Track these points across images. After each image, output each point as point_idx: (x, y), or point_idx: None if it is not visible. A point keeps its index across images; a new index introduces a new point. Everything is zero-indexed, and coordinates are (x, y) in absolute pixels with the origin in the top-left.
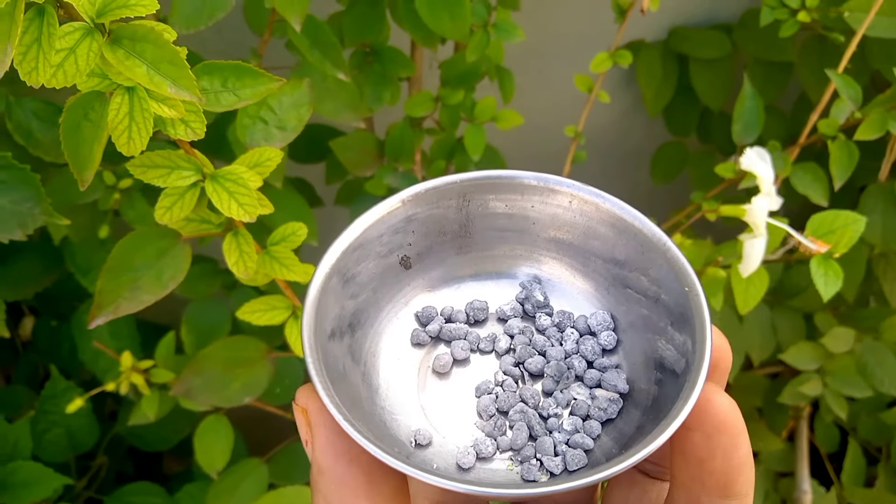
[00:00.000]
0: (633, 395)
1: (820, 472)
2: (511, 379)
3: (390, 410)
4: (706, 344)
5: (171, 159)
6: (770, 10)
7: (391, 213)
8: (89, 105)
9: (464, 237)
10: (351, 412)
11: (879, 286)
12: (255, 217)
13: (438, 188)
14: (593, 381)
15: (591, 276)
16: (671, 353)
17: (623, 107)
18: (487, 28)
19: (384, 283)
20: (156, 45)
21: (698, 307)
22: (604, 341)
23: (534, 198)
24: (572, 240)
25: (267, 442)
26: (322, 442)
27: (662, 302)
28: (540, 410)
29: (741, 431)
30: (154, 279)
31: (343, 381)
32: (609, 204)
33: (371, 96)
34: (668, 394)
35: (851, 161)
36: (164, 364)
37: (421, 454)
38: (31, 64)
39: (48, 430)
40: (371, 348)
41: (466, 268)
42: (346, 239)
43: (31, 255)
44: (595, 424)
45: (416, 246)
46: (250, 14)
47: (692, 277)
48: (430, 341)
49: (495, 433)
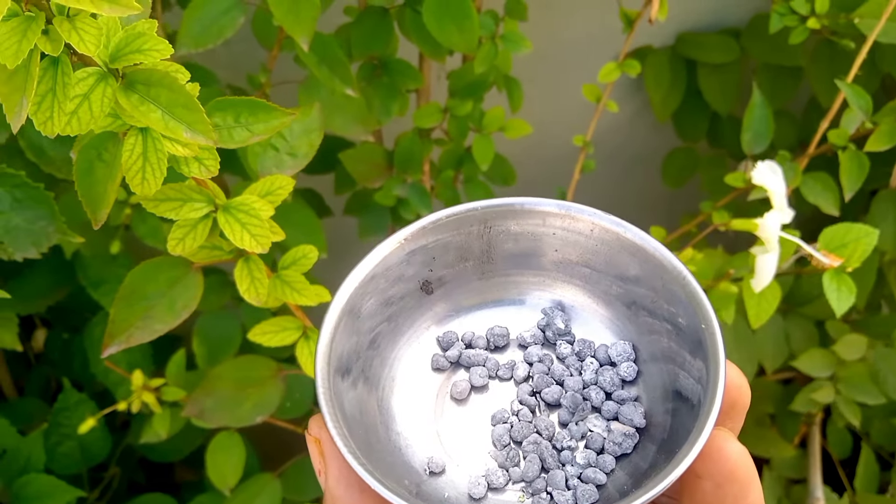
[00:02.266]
0: (650, 429)
1: (832, 478)
2: (527, 408)
3: (406, 436)
4: (718, 385)
5: (183, 192)
6: (779, 17)
7: (412, 241)
8: (102, 145)
9: (486, 263)
10: (363, 443)
11: (890, 291)
12: (267, 248)
13: (459, 215)
14: (610, 413)
15: (613, 304)
16: (689, 385)
17: (631, 112)
18: (495, 40)
19: (405, 309)
20: (170, 89)
21: (714, 345)
22: (623, 373)
23: (555, 224)
24: (594, 267)
25: (278, 453)
26: (335, 473)
27: (682, 333)
28: (554, 442)
29: (751, 479)
30: (167, 308)
31: (357, 411)
32: (630, 234)
33: (380, 109)
34: (682, 428)
35: (862, 171)
36: (175, 382)
37: (433, 482)
38: (45, 114)
39: (61, 443)
40: (390, 373)
41: (488, 293)
42: (364, 268)
43: (43, 269)
44: (609, 459)
45: (437, 272)
46: (259, 29)
47: (710, 314)
48: (450, 366)
49: (507, 464)
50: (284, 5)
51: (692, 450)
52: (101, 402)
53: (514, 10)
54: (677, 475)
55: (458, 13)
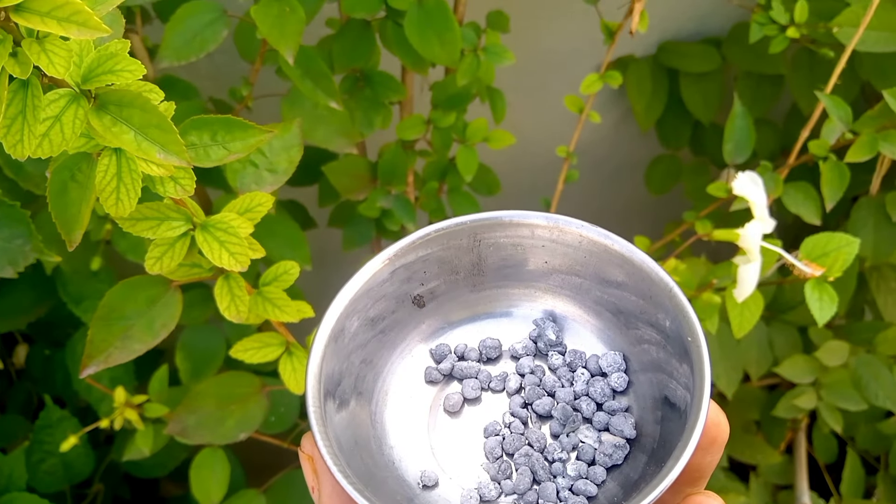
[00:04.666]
0: (641, 439)
1: (819, 483)
2: (518, 421)
3: (399, 450)
4: (703, 398)
5: (160, 210)
6: (759, 27)
7: (401, 256)
8: (76, 166)
9: (476, 275)
10: (356, 460)
11: (871, 297)
12: (246, 266)
13: (448, 229)
14: (601, 424)
15: (603, 314)
16: (678, 394)
17: (614, 121)
18: (478, 52)
19: (397, 323)
20: (143, 109)
21: (699, 358)
22: (614, 383)
23: (544, 236)
24: (583, 278)
25: (263, 468)
26: (328, 490)
27: (671, 343)
28: (545, 454)
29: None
30: (145, 328)
31: (349, 427)
32: (618, 246)
33: (362, 121)
34: (672, 437)
35: (843, 182)
36: (158, 398)
37: (426, 496)
38: (15, 137)
39: (43, 461)
40: (383, 387)
41: (480, 306)
42: (353, 286)
43: (24, 285)
44: (600, 470)
45: (429, 285)
46: (241, 43)
47: (696, 326)
48: (443, 379)
49: (500, 476)
50: (269, 19)
51: (678, 464)
52: (84, 419)
53: (495, 23)
54: (665, 487)
55: (439, 25)
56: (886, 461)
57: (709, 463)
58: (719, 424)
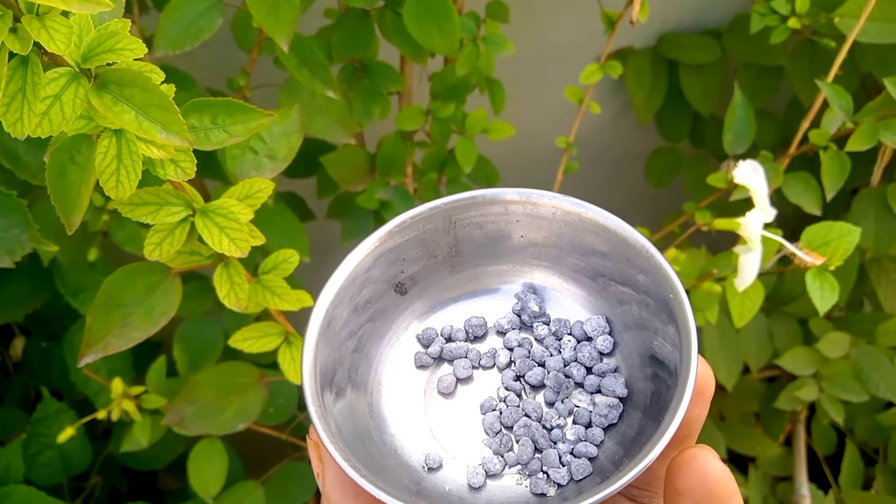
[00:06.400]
0: (633, 397)
1: (818, 475)
2: (513, 394)
3: (400, 437)
4: (692, 350)
5: (160, 196)
6: (760, 17)
7: (380, 245)
8: (75, 148)
9: (455, 257)
10: (359, 448)
11: (872, 288)
12: (246, 252)
13: (423, 214)
14: (593, 387)
15: (583, 280)
16: (666, 350)
17: (614, 113)
18: (477, 41)
19: (382, 312)
20: (144, 89)
21: (682, 313)
22: (601, 346)
23: (518, 211)
24: (560, 248)
25: (261, 458)
26: (331, 477)
27: (652, 302)
28: (543, 422)
29: (731, 496)
30: (144, 315)
31: (349, 418)
32: (591, 213)
33: (361, 111)
34: (665, 392)
35: (843, 171)
36: (156, 389)
37: (432, 478)
38: (15, 115)
39: (40, 453)
40: (376, 377)
41: (461, 286)
42: (338, 278)
43: (21, 277)
44: (597, 432)
45: (409, 272)
46: (238, 32)
47: (676, 283)
48: (433, 362)
49: (502, 449)
50: (264, 7)
51: (675, 418)
52: (81, 411)
53: (495, 12)
54: (664, 443)
55: (438, 15)
56: (885, 453)
57: (697, 417)
58: (705, 376)
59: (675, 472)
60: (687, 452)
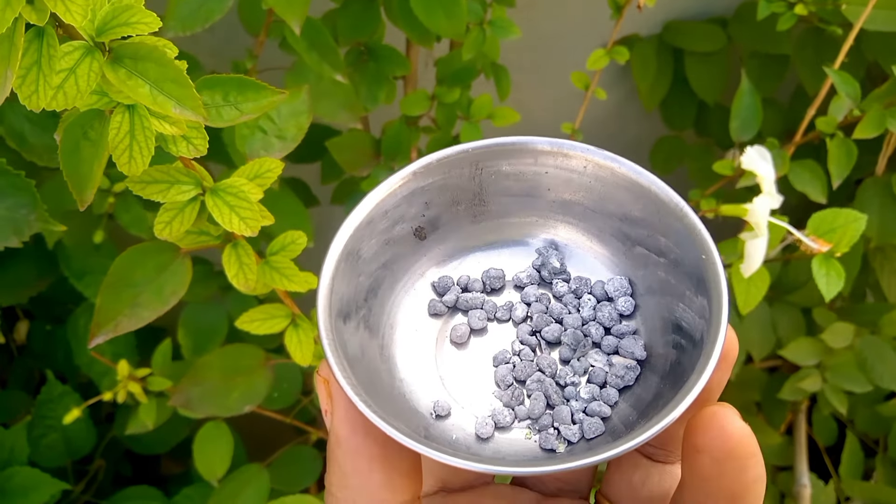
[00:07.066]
0: (651, 360)
1: (818, 465)
2: (528, 348)
3: (409, 382)
4: (722, 313)
5: (171, 174)
6: (767, 4)
7: (403, 185)
8: (88, 124)
9: (478, 205)
10: (369, 387)
11: (875, 279)
12: (256, 231)
13: (450, 158)
14: (611, 347)
15: (608, 240)
16: (690, 317)
17: (619, 101)
18: (483, 26)
19: (400, 255)
20: (159, 63)
21: (715, 275)
22: (621, 307)
23: (548, 163)
24: (588, 204)
25: (266, 444)
26: (341, 414)
27: (681, 266)
28: (557, 379)
29: (751, 454)
30: (155, 295)
31: (361, 357)
32: (625, 168)
33: (366, 95)
34: (687, 360)
35: (850, 159)
36: (161, 371)
37: (440, 425)
38: (31, 87)
39: (45, 436)
40: (389, 320)
41: (482, 236)
42: (359, 214)
43: (26, 259)
44: (612, 392)
45: (430, 216)
46: (245, 15)
47: (709, 244)
48: (448, 311)
49: (513, 402)
50: None
51: (700, 379)
52: (86, 394)
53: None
54: (687, 404)
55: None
56: (885, 443)
57: (719, 381)
58: (731, 340)
59: (695, 429)
60: (707, 410)
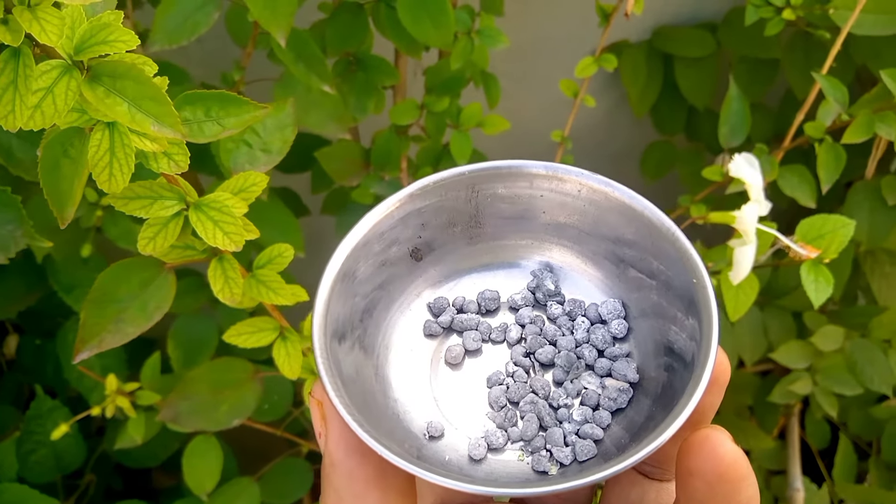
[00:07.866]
0: (644, 383)
1: (811, 468)
2: (522, 370)
3: (403, 402)
4: (713, 336)
5: (154, 189)
6: (755, 9)
7: (400, 207)
8: (68, 141)
9: (474, 227)
10: (363, 408)
11: (866, 281)
12: (241, 246)
13: (446, 180)
14: (604, 370)
15: (602, 263)
16: (681, 340)
17: (609, 107)
18: (471, 35)
19: (396, 276)
20: (137, 81)
21: (705, 298)
22: (615, 330)
23: (542, 186)
24: (582, 228)
25: (257, 455)
26: (335, 436)
27: (673, 288)
28: (550, 401)
29: (743, 477)
30: (139, 310)
31: (355, 377)
32: (618, 192)
33: (355, 105)
34: (678, 382)
35: (839, 164)
36: (150, 385)
37: (433, 446)
38: (7, 107)
39: (34, 451)
40: (384, 341)
41: (477, 258)
42: (355, 235)
43: (14, 273)
44: (605, 414)
45: (426, 238)
46: (233, 26)
47: (700, 268)
48: (443, 332)
49: (506, 424)
50: (261, 0)
51: (690, 402)
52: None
53: (489, 6)
54: (677, 427)
55: (433, 8)
56: (878, 446)
57: (711, 404)
58: (722, 364)
59: (688, 452)
60: (699, 433)
